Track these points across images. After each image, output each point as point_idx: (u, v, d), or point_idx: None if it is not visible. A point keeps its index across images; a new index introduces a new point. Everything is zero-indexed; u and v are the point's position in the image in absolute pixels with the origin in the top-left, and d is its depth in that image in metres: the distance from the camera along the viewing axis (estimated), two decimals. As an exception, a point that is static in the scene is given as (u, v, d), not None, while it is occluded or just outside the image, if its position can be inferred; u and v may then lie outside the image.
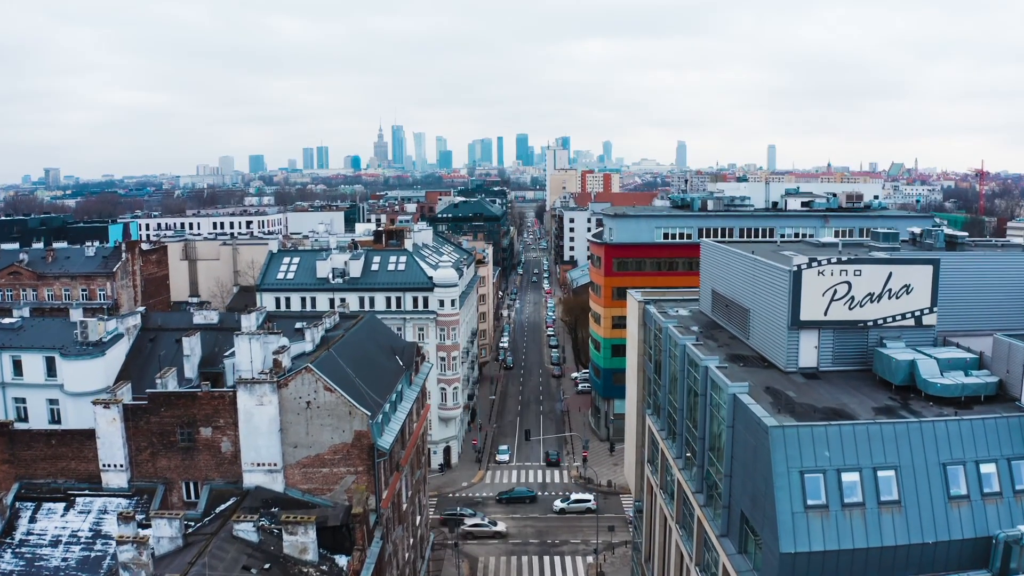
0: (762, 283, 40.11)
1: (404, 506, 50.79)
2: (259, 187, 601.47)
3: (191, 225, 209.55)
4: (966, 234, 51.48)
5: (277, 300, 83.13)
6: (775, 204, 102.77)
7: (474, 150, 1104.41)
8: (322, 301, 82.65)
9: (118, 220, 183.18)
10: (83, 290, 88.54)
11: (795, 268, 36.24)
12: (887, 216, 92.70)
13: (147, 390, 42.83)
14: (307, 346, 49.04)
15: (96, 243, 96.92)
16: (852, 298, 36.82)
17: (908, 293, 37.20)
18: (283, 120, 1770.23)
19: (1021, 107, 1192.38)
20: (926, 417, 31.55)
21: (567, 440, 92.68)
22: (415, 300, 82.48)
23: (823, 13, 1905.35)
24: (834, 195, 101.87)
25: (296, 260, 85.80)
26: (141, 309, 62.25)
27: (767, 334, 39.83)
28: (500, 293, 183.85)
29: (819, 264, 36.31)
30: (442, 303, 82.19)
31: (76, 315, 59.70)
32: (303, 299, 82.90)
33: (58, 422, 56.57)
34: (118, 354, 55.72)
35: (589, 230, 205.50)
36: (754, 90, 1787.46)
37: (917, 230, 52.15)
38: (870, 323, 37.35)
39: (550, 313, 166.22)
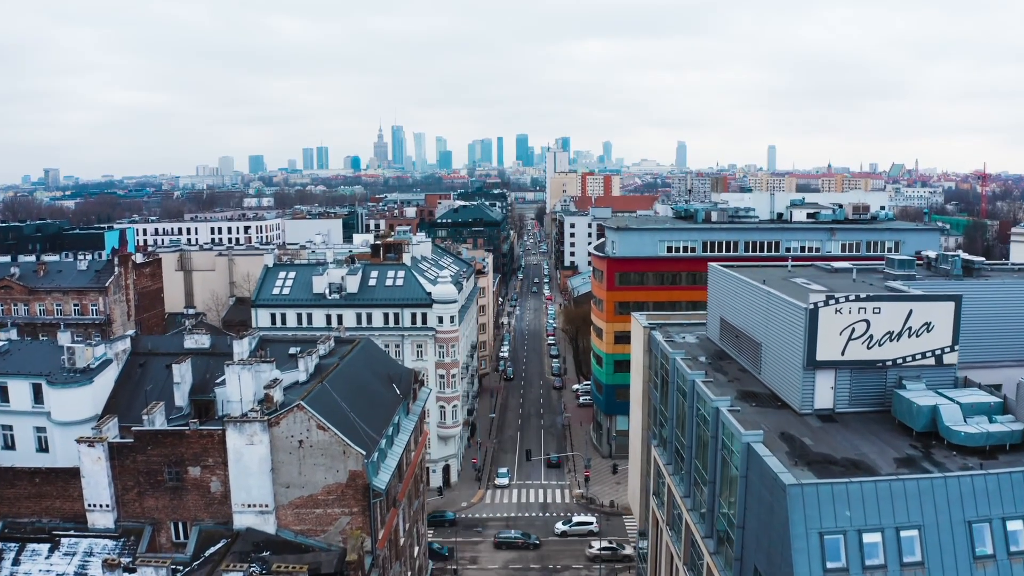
0: (775, 318, 38.42)
1: (402, 541, 49.10)
2: (259, 188, 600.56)
3: (188, 230, 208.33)
4: (983, 258, 50.10)
5: (273, 316, 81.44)
6: (780, 215, 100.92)
7: (474, 150, 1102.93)
8: (318, 317, 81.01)
9: (114, 227, 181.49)
10: (75, 305, 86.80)
11: (811, 306, 34.54)
12: (895, 228, 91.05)
13: (133, 428, 41.11)
14: (301, 375, 47.49)
15: (88, 256, 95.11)
16: (871, 337, 35.13)
17: (929, 331, 35.52)
18: (283, 120, 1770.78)
19: (1021, 107, 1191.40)
20: (950, 470, 29.93)
21: (569, 459, 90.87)
22: (413, 316, 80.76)
23: (823, 13, 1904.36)
24: (840, 206, 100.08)
25: (292, 275, 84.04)
26: (131, 332, 60.62)
27: (780, 372, 38.14)
28: (500, 299, 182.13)
29: (836, 302, 34.60)
30: (441, 320, 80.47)
31: (64, 339, 58.04)
32: (299, 315, 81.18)
33: (46, 450, 54.98)
34: (106, 381, 54.07)
35: (590, 235, 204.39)
36: (754, 90, 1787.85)
37: (932, 254, 50.63)
38: (889, 363, 35.66)
39: (551, 321, 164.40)
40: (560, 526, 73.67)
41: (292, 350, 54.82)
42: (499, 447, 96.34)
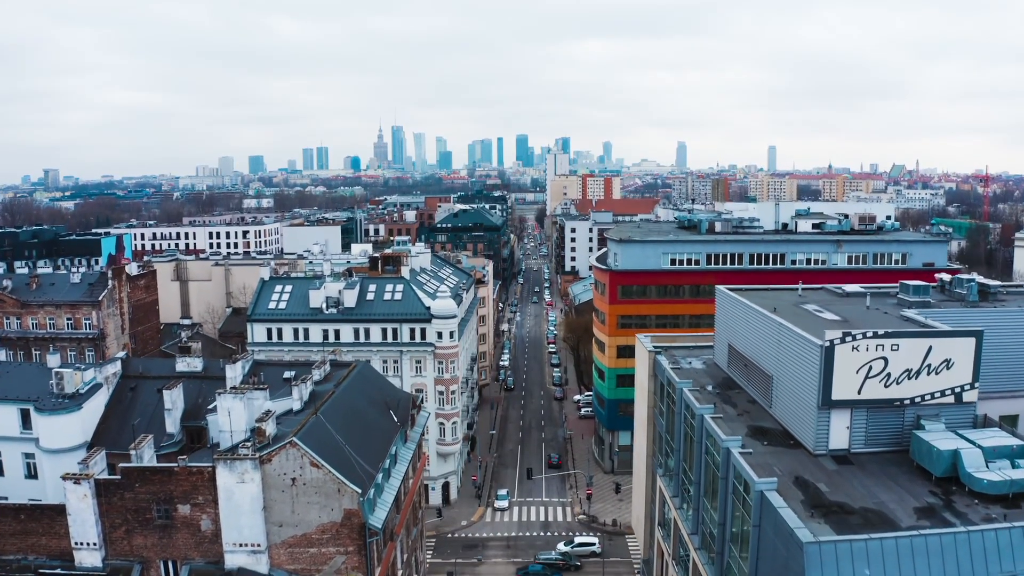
0: (788, 352, 36.92)
1: (400, 573, 47.67)
2: (258, 189, 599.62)
3: (186, 235, 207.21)
4: (998, 282, 48.68)
5: (269, 331, 79.93)
6: (785, 226, 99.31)
7: (474, 151, 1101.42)
8: (315, 332, 79.53)
9: (111, 232, 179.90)
10: (68, 319, 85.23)
11: (827, 343, 33.06)
12: (902, 240, 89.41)
13: (120, 464, 39.64)
14: (295, 404, 46.07)
15: (82, 269, 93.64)
16: (888, 375, 33.67)
17: (948, 368, 34.06)
18: (283, 120, 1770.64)
19: (1021, 107, 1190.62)
20: (973, 521, 28.52)
21: (572, 476, 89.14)
22: (412, 332, 79.22)
23: (823, 13, 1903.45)
24: (845, 216, 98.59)
25: (288, 288, 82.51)
26: (121, 354, 59.09)
27: (794, 408, 36.65)
28: (500, 305, 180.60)
29: (853, 339, 33.12)
30: (440, 335, 78.95)
31: (53, 361, 56.53)
32: (295, 330, 79.67)
33: (34, 477, 53.48)
34: (96, 406, 52.45)
35: (590, 240, 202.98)
36: (754, 90, 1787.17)
37: (947, 277, 49.23)
38: (907, 401, 34.19)
39: (551, 328, 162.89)
40: (562, 547, 72.04)
41: (287, 374, 53.44)
42: (499, 462, 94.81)
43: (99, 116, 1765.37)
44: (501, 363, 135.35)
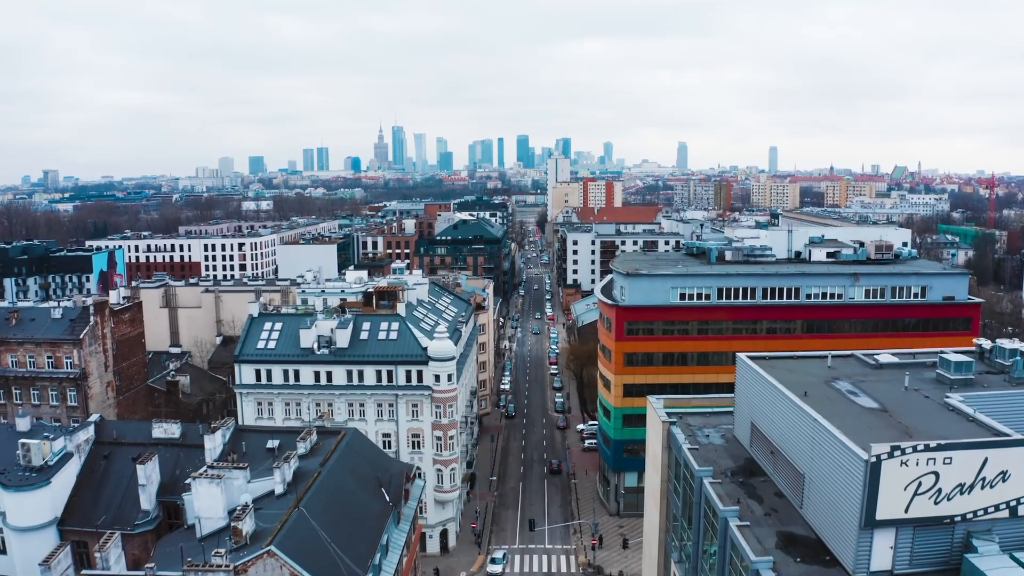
0: (825, 455, 33.04)
1: (392, 667, 43.85)
2: (258, 191, 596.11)
3: (181, 247, 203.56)
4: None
5: (257, 372, 76.18)
6: (798, 254, 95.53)
7: (475, 151, 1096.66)
8: (306, 374, 75.79)
9: (103, 248, 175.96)
10: (49, 357, 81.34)
11: (873, 459, 29.21)
12: (920, 273, 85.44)
13: (83, 571, 35.88)
14: (277, 487, 42.32)
15: (65, 302, 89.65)
16: (939, 491, 29.83)
17: (1004, 481, 30.22)
18: (283, 120, 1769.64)
19: (1022, 108, 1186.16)
20: None
21: (577, 526, 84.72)
22: (408, 374, 75.36)
23: (825, 12, 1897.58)
24: (861, 244, 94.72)
25: (279, 326, 78.69)
26: (96, 417, 55.31)
27: (830, 520, 32.75)
28: (501, 320, 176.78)
29: (903, 453, 29.28)
30: (438, 378, 75.07)
31: (23, 424, 52.87)
32: (285, 372, 75.90)
33: (3, 552, 49.75)
34: (67, 477, 48.78)
35: (592, 252, 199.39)
36: (755, 90, 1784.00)
37: (987, 344, 45.33)
38: (957, 518, 30.37)
39: (553, 346, 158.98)
40: (566, 605, 68.45)
41: (270, 443, 49.84)
42: (500, 502, 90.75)
43: (99, 116, 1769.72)
44: (502, 386, 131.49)
